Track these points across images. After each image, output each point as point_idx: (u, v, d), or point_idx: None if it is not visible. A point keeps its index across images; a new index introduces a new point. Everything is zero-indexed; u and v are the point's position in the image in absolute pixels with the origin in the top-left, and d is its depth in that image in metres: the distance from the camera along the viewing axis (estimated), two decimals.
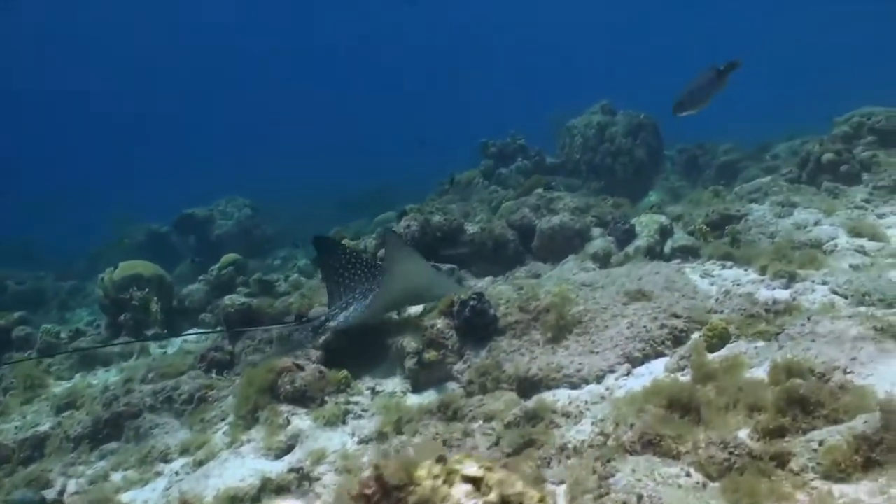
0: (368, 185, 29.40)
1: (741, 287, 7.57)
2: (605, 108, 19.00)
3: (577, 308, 6.72)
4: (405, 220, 10.26)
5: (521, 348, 6.59)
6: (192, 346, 10.57)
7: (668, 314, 6.41)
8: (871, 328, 5.31)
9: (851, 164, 11.63)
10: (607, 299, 6.86)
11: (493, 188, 16.99)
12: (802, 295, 6.93)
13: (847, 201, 10.29)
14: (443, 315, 7.07)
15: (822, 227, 9.32)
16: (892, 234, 8.82)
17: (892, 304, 6.24)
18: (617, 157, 17.85)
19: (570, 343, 6.43)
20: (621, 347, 6.17)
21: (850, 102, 15.32)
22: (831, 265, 7.93)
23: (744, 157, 19.74)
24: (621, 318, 6.54)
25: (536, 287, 7.29)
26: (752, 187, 12.37)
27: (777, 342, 5.58)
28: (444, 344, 6.87)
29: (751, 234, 9.90)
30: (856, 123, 14.20)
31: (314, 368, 6.70)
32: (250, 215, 21.55)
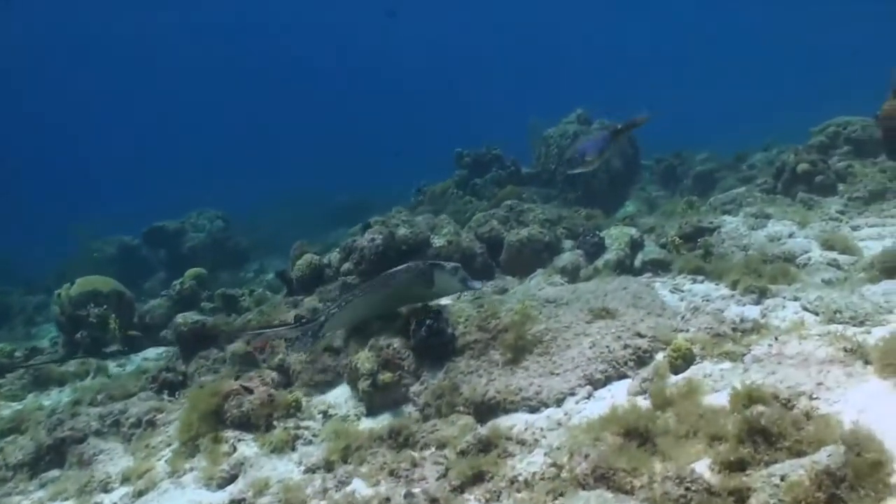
0: (352, 195, 29.12)
1: (710, 303, 7.34)
2: (580, 117, 18.81)
3: (539, 327, 6.44)
4: (369, 233, 9.95)
5: (479, 369, 6.29)
6: (152, 363, 10.20)
7: (631, 333, 6.14)
8: (840, 349, 5.07)
9: (826, 174, 11.45)
10: (570, 317, 6.58)
11: (466, 199, 16.72)
12: (773, 312, 6.71)
13: (822, 213, 10.10)
14: (399, 334, 6.76)
15: (796, 240, 9.11)
16: (866, 246, 8.61)
17: (864, 321, 6.00)
18: None
19: (530, 364, 6.14)
20: (583, 369, 5.89)
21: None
22: (803, 280, 7.71)
23: (721, 166, 19.58)
24: (584, 336, 6.26)
25: (497, 304, 7.00)
26: (726, 198, 12.18)
27: (743, 363, 5.32)
28: (400, 365, 6.57)
29: (724, 246, 9.68)
30: (831, 133, 14.08)
31: (263, 391, 6.37)
32: (223, 227, 21.15)
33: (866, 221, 9.46)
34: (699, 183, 18.77)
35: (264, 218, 29.07)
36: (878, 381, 4.38)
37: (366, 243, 9.86)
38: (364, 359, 6.58)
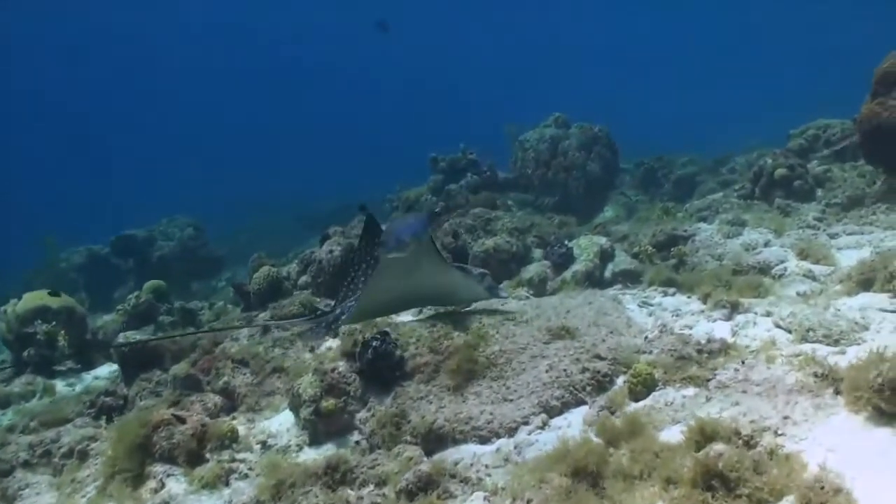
0: (335, 200, 28.61)
1: (679, 319, 6.95)
2: (558, 120, 18.41)
3: (493, 348, 6.01)
4: (328, 244, 9.51)
5: (429, 394, 5.85)
6: (102, 383, 9.70)
7: (591, 355, 5.71)
8: (810, 374, 4.68)
9: (804, 179, 11.11)
10: (527, 337, 6.16)
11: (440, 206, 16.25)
12: (743, 329, 6.34)
13: (799, 220, 9.74)
14: (346, 356, 6.31)
15: (772, 249, 8.74)
16: (843, 256, 8.25)
17: (838, 340, 5.62)
18: (570, 171, 17.25)
19: (483, 389, 5.71)
20: (538, 395, 5.46)
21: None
22: (777, 293, 7.34)
23: (702, 170, 19.26)
24: (541, 359, 5.84)
25: (451, 323, 6.55)
26: (702, 204, 11.83)
27: (707, 390, 4.91)
28: (345, 390, 6.12)
29: (698, 255, 9.32)
30: (811, 136, 13.77)
31: (196, 421, 5.90)
32: (193, 235, 20.59)
33: (844, 229, 9.10)
34: (679, 187, 18.42)
35: (243, 224, 28.58)
36: (848, 414, 3.98)
37: (324, 255, 9.43)
38: (307, 384, 6.12)
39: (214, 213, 30.00)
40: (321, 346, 7.21)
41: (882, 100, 9.14)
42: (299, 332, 7.68)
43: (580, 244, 9.43)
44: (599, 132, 17.96)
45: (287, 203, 31.27)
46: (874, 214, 9.23)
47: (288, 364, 7.49)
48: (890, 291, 6.61)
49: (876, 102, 9.20)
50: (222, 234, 26.42)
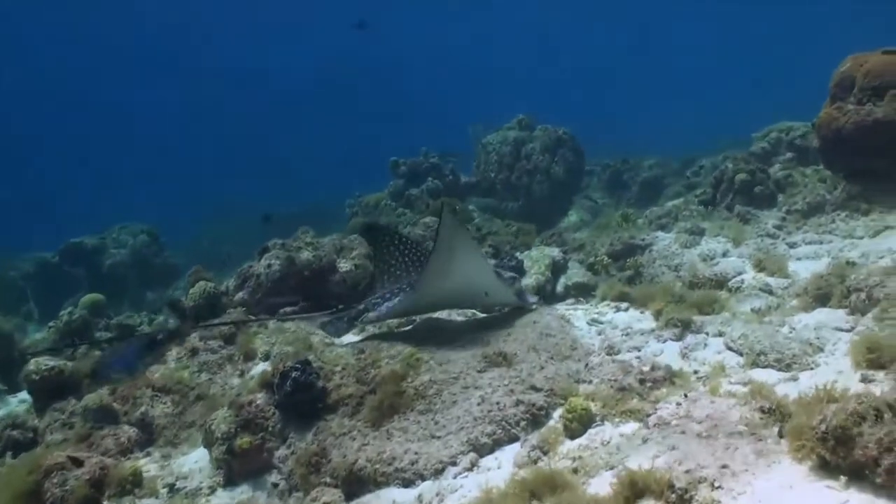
0: (300, 205, 27.96)
1: (628, 339, 6.53)
2: (522, 122, 18.00)
3: (423, 378, 5.55)
4: (266, 258, 8.97)
5: (353, 430, 5.38)
6: (25, 407, 9.08)
7: (526, 386, 5.28)
8: (756, 409, 4.26)
9: (765, 184, 10.77)
10: (461, 364, 5.70)
11: (399, 211, 15.81)
12: (693, 351, 5.97)
13: (758, 228, 9.38)
14: (265, 387, 5.81)
15: (729, 260, 8.37)
16: (801, 267, 7.89)
17: (790, 364, 5.27)
18: (534, 175, 16.86)
19: (410, 424, 5.24)
20: (468, 431, 5.01)
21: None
22: (732, 308, 6.96)
23: (668, 172, 18.99)
24: (474, 390, 5.38)
25: (379, 350, 6.07)
26: (662, 211, 11.45)
27: (647, 428, 4.49)
28: (263, 425, 5.63)
29: (654, 266, 8.92)
30: (774, 139, 13.48)
31: (95, 464, 5.36)
32: (147, 242, 19.88)
33: (803, 238, 8.75)
34: (645, 190, 18.14)
35: (205, 230, 27.84)
36: (791, 463, 3.56)
37: (262, 269, 8.90)
38: (221, 419, 5.63)
39: (175, 219, 29.29)
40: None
41: (840, 104, 8.81)
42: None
43: (531, 256, 8.98)
44: (564, 135, 17.58)
45: (252, 209, 30.58)
46: (833, 223, 8.90)
47: (214, 391, 7.00)
48: (846, 307, 6.28)
49: (834, 107, 8.87)
50: (183, 240, 25.77)
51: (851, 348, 5.10)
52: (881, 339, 4.98)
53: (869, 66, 8.67)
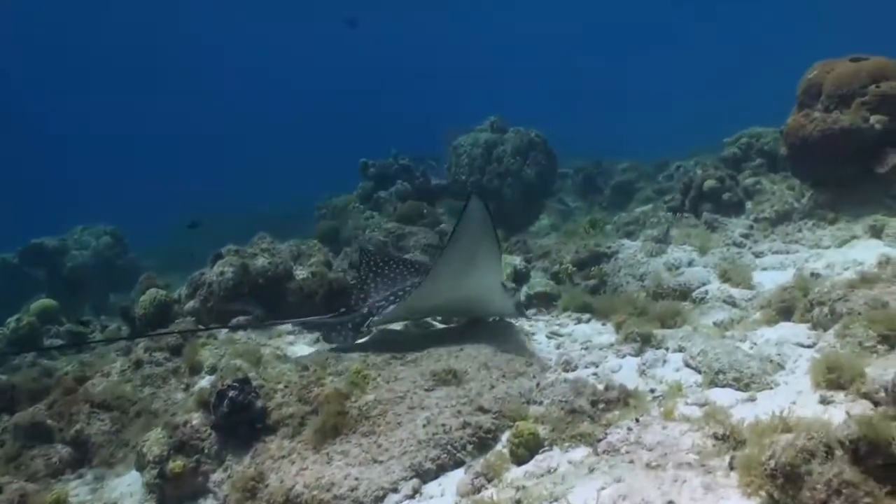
0: (274, 206, 27.54)
1: (587, 354, 6.32)
2: (494, 124, 17.73)
3: (367, 397, 5.28)
4: (219, 264, 8.65)
5: (293, 452, 5.10)
6: None
7: (474, 407, 5.03)
8: (710, 435, 4.05)
9: (734, 191, 10.64)
10: (408, 383, 5.44)
11: (367, 214, 15.51)
12: (651, 368, 5.78)
13: (725, 236, 9.21)
14: (203, 407, 5.52)
15: (694, 270, 8.20)
16: (767, 277, 7.73)
17: (749, 384, 5.06)
18: (505, 178, 16.62)
19: (352, 447, 4.97)
20: (411, 455, 4.75)
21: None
22: (695, 321, 6.79)
23: (640, 176, 18.86)
24: (420, 410, 5.12)
25: (325, 366, 5.80)
26: (629, 217, 11.28)
27: (595, 454, 4.26)
28: (199, 447, 5.33)
29: (619, 275, 8.72)
30: (744, 145, 13.36)
31: (15, 491, 5.04)
32: (111, 244, 19.40)
33: (770, 247, 8.60)
34: (617, 194, 18.00)
35: (175, 232, 27.31)
36: (740, 500, 3.34)
37: (214, 277, 8.58)
38: (153, 440, 5.32)
39: (151, 219, 28.81)
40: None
41: (808, 111, 8.69)
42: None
43: None
44: (536, 137, 17.35)
45: (225, 210, 30.09)
46: (800, 231, 8.76)
47: (157, 406, 6.69)
48: (808, 322, 6.12)
49: (802, 114, 8.74)
50: (149, 243, 25.28)
51: (811, 368, 4.91)
52: (841, 358, 4.80)
53: (836, 73, 8.54)
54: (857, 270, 6.91)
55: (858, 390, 4.49)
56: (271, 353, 7.41)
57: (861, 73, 8.44)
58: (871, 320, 5.19)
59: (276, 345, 7.84)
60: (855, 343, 5.15)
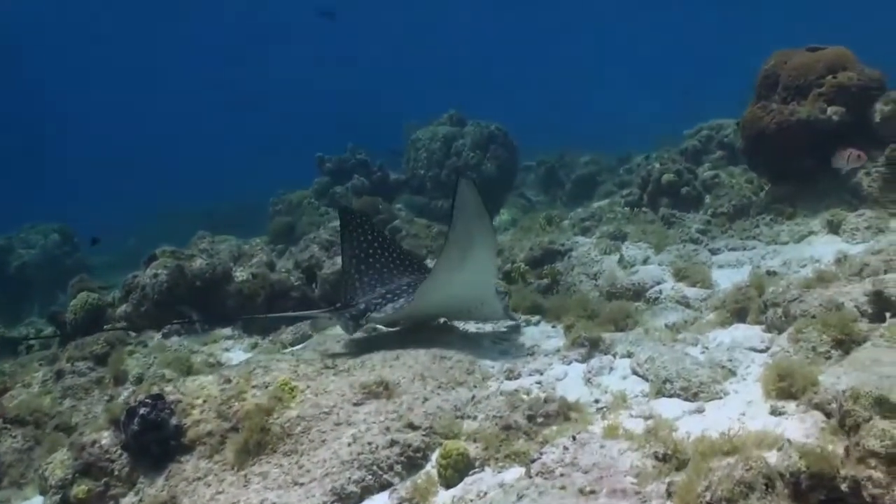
0: (233, 203, 26.89)
1: (532, 360, 5.99)
2: (453, 117, 17.43)
3: (291, 413, 4.89)
4: (153, 267, 8.20)
5: (209, 474, 4.70)
6: None
7: (404, 423, 4.66)
8: (651, 455, 3.74)
9: (692, 185, 10.39)
10: (336, 396, 5.06)
11: (322, 210, 15.07)
12: (598, 376, 5.47)
13: (682, 232, 8.96)
14: (114, 424, 5.08)
15: (649, 268, 7.92)
16: (723, 275, 7.48)
17: (697, 394, 4.76)
18: (464, 172, 16.26)
19: (272, 468, 4.58)
20: (333, 477, 4.38)
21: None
22: (647, 323, 6.51)
23: (602, 169, 18.60)
24: (346, 427, 4.75)
25: (250, 378, 5.39)
26: (586, 213, 10.97)
27: (528, 476, 3.92)
28: (108, 469, 4.91)
29: (572, 274, 8.41)
30: (704, 137, 13.16)
31: None
32: (59, 242, 18.73)
33: (726, 244, 8.35)
34: (579, 187, 17.73)
35: (131, 230, 26.61)
36: None
37: (147, 280, 8.12)
38: (57, 463, 4.88)
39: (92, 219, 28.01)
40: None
41: (765, 103, 8.43)
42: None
43: None
44: (496, 130, 17.06)
45: (182, 207, 29.40)
46: (758, 227, 8.53)
47: (77, 420, 6.25)
48: (762, 324, 5.87)
49: (759, 105, 8.49)
50: (109, 240, 24.55)
51: (762, 376, 4.64)
52: (793, 365, 4.54)
53: (793, 63, 8.30)
54: (814, 268, 6.68)
55: (810, 400, 4.22)
56: (203, 361, 7.01)
57: (818, 64, 8.21)
58: (824, 324, 4.94)
59: (209, 351, 7.44)
60: (808, 348, 4.90)
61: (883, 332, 4.76)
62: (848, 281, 6.00)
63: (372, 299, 6.43)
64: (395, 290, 6.48)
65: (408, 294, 6.31)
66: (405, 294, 6.35)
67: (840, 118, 8.18)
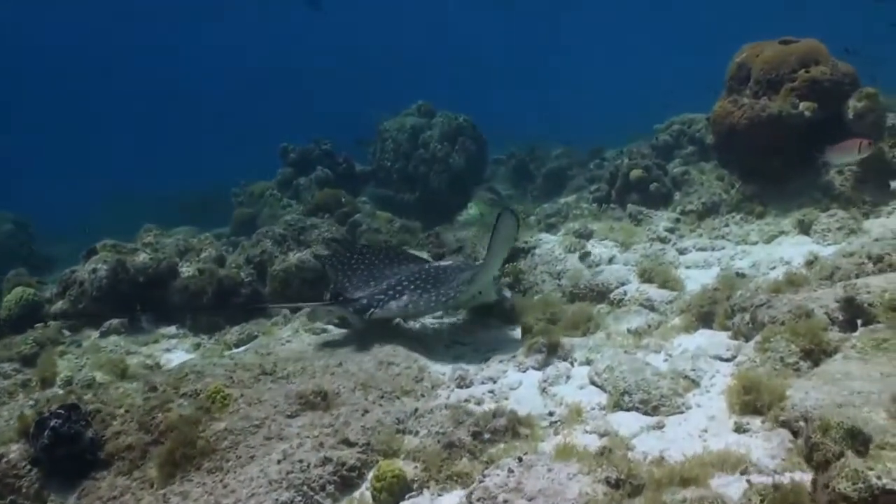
0: (203, 190, 26.15)
1: (486, 367, 5.64)
2: (421, 108, 16.95)
3: (219, 425, 4.48)
4: (92, 261, 7.71)
5: (126, 492, 4.29)
6: None
7: (339, 439, 4.28)
8: (601, 480, 3.39)
9: (661, 182, 10.08)
10: (269, 407, 4.66)
11: (284, 202, 14.58)
12: (554, 385, 5.16)
13: (649, 230, 8.64)
14: (23, 436, 4.65)
15: (614, 268, 7.61)
16: (690, 276, 7.18)
17: (657, 407, 4.45)
18: (431, 165, 15.85)
19: (193, 487, 4.17)
20: (259, 499, 3.97)
21: None
22: (609, 327, 6.19)
23: (574, 163, 18.24)
24: (278, 442, 4.36)
25: (179, 386, 4.97)
26: (552, 209, 10.63)
27: (468, 500, 3.56)
28: (15, 486, 4.47)
29: (536, 273, 8.07)
30: (676, 132, 12.88)
31: None
32: (12, 232, 18.01)
33: (695, 244, 8.06)
34: (549, 181, 17.34)
35: (92, 218, 25.79)
36: None
37: (86, 275, 7.63)
38: None
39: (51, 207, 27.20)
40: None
41: (736, 97, 8.13)
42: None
43: None
44: (465, 122, 16.62)
45: (147, 193, 28.62)
46: (727, 226, 8.25)
47: None
48: (729, 329, 5.58)
49: (729, 100, 8.18)
50: (67, 227, 23.81)
51: (727, 390, 4.33)
52: (760, 378, 4.24)
53: (765, 56, 7.99)
54: (784, 271, 6.41)
55: (777, 417, 3.94)
56: (140, 364, 6.57)
57: (791, 57, 7.92)
58: (793, 333, 4.65)
59: (148, 352, 6.99)
60: (776, 358, 4.61)
61: (854, 342, 4.48)
62: (819, 285, 5.73)
63: (374, 294, 6.33)
64: (396, 285, 6.38)
65: (410, 292, 6.25)
66: (407, 291, 6.27)
67: (812, 114, 7.91)
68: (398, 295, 6.25)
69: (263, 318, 7.80)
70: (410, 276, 6.47)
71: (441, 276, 6.45)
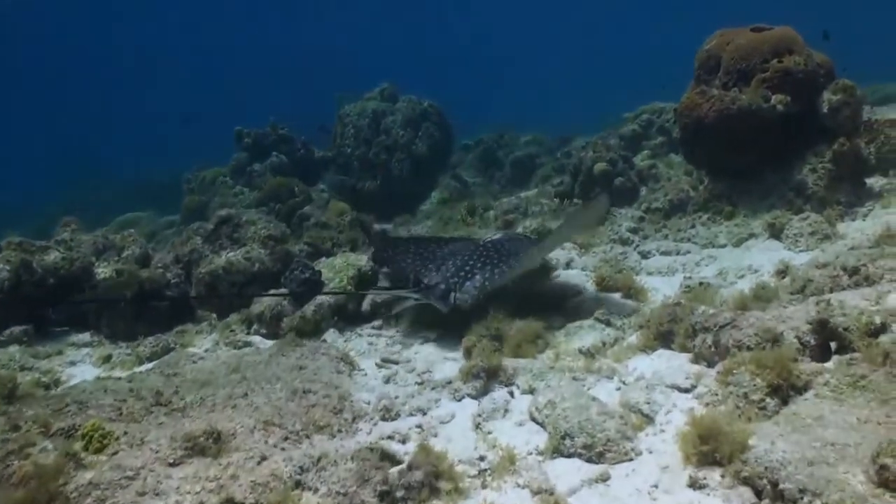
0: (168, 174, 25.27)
1: (418, 395, 5.00)
2: (384, 93, 16.22)
3: (83, 478, 3.77)
4: None
5: None
6: None
7: (223, 497, 3.59)
8: None
9: (627, 176, 9.46)
10: (150, 452, 3.96)
11: (237, 189, 13.80)
12: (489, 420, 4.53)
13: (612, 231, 8.02)
14: None
15: (571, 273, 7.00)
16: (652, 284, 6.57)
17: (602, 454, 3.83)
18: (393, 152, 15.13)
19: None
20: None
21: None
22: (559, 346, 5.57)
23: (543, 151, 17.66)
24: (152, 498, 3.66)
25: (48, 423, 4.25)
26: (510, 204, 9.98)
27: None
28: None
29: None
30: (645, 121, 12.28)
31: None
32: None
33: (658, 246, 7.45)
34: (517, 169, 16.72)
35: (49, 204, 24.82)
36: None
37: None
38: None
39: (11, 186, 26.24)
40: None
41: (704, 88, 7.50)
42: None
43: (333, 265, 7.22)
44: (429, 107, 15.91)
45: (109, 176, 27.66)
46: (694, 227, 7.66)
47: None
48: (689, 351, 4.97)
49: (697, 91, 7.56)
50: (26, 208, 22.91)
51: (681, 437, 3.71)
52: (720, 422, 3.62)
53: (736, 45, 7.35)
54: (752, 281, 5.83)
55: (738, 472, 3.35)
56: (34, 382, 5.82)
57: (763, 46, 7.29)
58: (759, 364, 4.04)
59: (48, 367, 6.24)
60: (739, 394, 4.01)
61: (828, 378, 3.88)
62: (789, 300, 5.17)
63: (449, 279, 6.23)
64: (463, 266, 6.36)
65: (480, 269, 6.27)
66: (477, 269, 6.28)
67: (785, 108, 7.30)
68: (470, 276, 6.21)
69: (192, 323, 7.12)
70: (473, 255, 6.47)
71: (501, 248, 6.46)
